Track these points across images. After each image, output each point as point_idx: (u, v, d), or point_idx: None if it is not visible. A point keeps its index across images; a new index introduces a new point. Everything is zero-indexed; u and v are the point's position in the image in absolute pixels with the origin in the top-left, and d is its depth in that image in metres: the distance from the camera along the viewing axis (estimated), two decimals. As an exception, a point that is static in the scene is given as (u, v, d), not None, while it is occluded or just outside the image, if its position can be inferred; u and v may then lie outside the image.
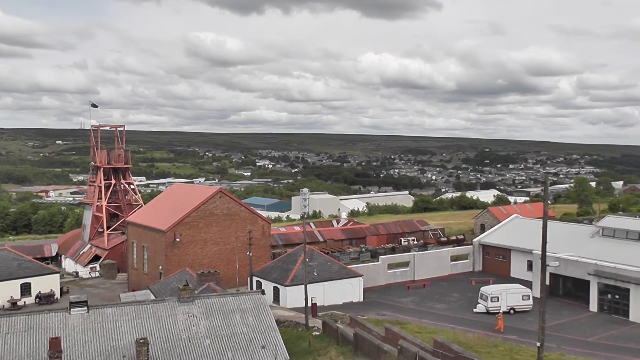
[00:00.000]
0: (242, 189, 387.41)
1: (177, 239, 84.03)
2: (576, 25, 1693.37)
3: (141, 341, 39.07)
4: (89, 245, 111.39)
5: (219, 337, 43.42)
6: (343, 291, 78.15)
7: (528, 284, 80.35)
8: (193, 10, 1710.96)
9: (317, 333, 60.24)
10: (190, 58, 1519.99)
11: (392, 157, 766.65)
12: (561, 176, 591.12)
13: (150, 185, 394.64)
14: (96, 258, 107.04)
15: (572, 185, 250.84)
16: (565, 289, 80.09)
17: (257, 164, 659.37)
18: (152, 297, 67.92)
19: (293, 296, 73.55)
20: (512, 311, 72.08)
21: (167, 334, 42.90)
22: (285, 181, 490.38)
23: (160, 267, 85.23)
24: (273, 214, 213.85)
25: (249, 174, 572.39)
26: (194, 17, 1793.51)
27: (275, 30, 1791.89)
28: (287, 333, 57.24)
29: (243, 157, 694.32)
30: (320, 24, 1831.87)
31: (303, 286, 65.62)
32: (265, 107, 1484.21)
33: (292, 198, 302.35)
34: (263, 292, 50.29)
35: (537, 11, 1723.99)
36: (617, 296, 71.91)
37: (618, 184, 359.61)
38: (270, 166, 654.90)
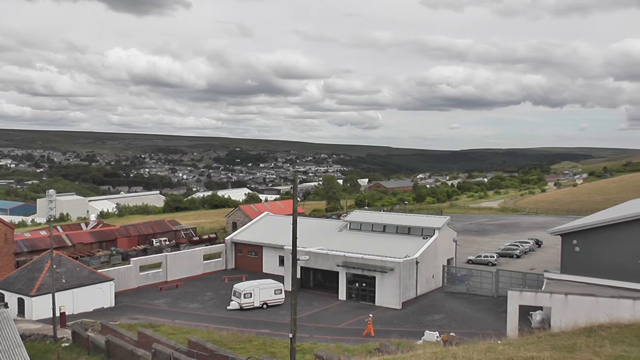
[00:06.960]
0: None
1: None
2: (321, 32, 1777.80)
3: None
4: None
5: (-45, 360, 40.24)
6: (93, 297, 75.91)
7: (280, 278, 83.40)
8: None
9: (67, 344, 57.82)
10: None
11: (143, 156, 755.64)
12: (310, 174, 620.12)
13: None
14: None
15: (320, 182, 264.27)
16: (316, 281, 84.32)
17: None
18: None
19: (40, 307, 69.84)
20: (264, 306, 74.34)
21: None
22: (30, 182, 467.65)
23: None
24: (17, 218, 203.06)
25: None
26: None
27: (15, 15, 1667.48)
28: (34, 347, 54.38)
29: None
30: (64, 14, 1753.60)
31: (51, 295, 62.63)
32: (6, 101, 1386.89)
33: (38, 200, 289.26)
34: (6, 306, 47.50)
35: (283, 16, 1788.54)
36: (364, 284, 77.23)
37: (364, 181, 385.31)
38: (13, 166, 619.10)
